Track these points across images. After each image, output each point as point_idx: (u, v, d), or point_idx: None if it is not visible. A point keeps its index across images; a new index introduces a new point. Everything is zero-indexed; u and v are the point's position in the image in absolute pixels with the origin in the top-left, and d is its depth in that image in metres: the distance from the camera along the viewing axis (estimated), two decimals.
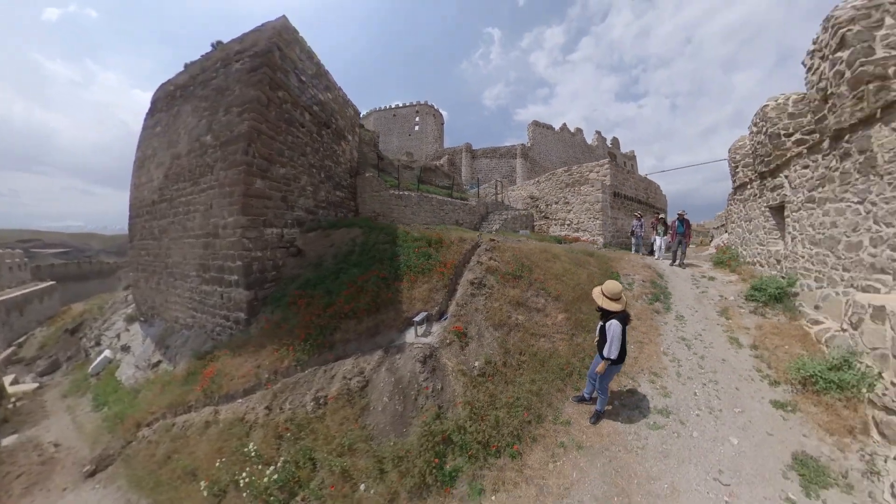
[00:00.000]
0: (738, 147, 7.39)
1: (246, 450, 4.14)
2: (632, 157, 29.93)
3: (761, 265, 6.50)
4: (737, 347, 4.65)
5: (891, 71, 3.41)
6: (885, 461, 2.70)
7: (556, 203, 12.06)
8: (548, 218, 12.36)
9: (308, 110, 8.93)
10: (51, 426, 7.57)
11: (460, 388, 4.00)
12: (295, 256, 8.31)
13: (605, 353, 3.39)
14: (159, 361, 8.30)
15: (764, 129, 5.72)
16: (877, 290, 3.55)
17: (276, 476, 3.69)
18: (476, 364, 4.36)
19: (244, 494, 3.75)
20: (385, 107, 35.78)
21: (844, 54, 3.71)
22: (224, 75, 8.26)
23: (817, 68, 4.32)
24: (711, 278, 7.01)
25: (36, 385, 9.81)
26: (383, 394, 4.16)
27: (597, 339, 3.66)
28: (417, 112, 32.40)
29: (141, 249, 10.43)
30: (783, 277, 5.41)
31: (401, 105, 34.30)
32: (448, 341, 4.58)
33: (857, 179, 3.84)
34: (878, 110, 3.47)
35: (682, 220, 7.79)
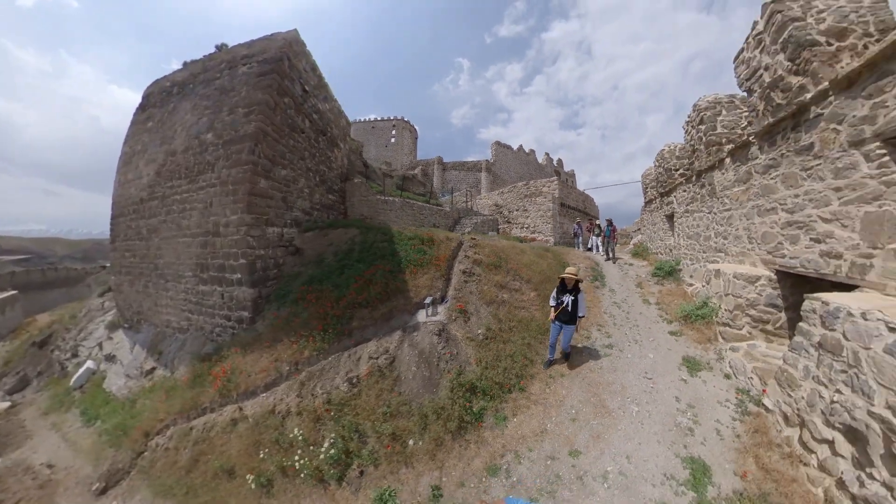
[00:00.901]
0: (647, 174, 10.33)
1: (292, 435, 4.34)
2: (572, 175, 35.55)
3: (661, 254, 9.26)
4: (647, 304, 6.77)
5: (723, 140, 5.86)
6: (725, 352, 4.78)
7: (517, 210, 14.37)
8: (510, 222, 14.57)
9: (308, 118, 9.53)
10: (37, 447, 7.10)
11: (471, 350, 5.06)
12: (293, 255, 8.62)
13: (581, 313, 4.67)
14: (153, 368, 8.06)
15: (662, 165, 8.45)
16: (717, 261, 5.91)
17: (331, 451, 3.96)
18: (479, 332, 5.44)
19: (298, 477, 3.99)
20: (365, 119, 37.44)
21: (702, 128, 6.15)
22: (230, 77, 8.51)
23: (689, 132, 6.87)
24: (631, 264, 9.37)
25: (8, 404, 9.04)
26: (410, 365, 4.87)
27: (565, 309, 4.66)
28: (394, 126, 34.13)
29: (125, 251, 10.00)
30: (673, 261, 7.99)
31: (379, 119, 36.82)
32: (454, 317, 5.61)
33: (707, 199, 6.32)
34: (716, 162, 5.91)
35: (610, 226, 10.26)
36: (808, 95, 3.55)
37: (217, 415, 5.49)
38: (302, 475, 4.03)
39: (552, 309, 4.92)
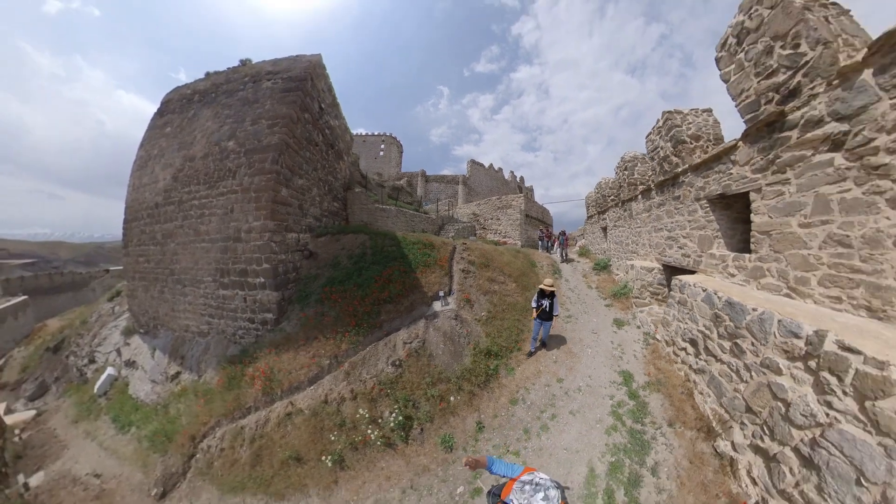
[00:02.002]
0: (589, 196, 13.99)
1: (358, 415, 5.06)
2: (531, 190, 41.45)
3: (598, 254, 12.74)
4: (590, 289, 9.66)
5: (638, 183, 8.89)
6: (636, 313, 7.51)
7: (491, 219, 17.08)
8: (485, 228, 17.16)
9: (322, 132, 10.24)
10: (77, 456, 7.06)
11: (480, 327, 6.89)
12: (307, 259, 9.05)
13: (556, 312, 6.08)
14: (178, 372, 8.11)
15: (600, 192, 11.72)
16: (632, 259, 8.91)
17: (398, 419, 4.88)
18: (482, 314, 7.30)
19: (369, 448, 4.72)
20: (357, 133, 37.44)
21: (626, 173, 9.25)
22: (253, 90, 8.93)
23: (618, 174, 9.94)
24: (578, 262, 12.61)
25: (33, 412, 8.88)
26: (438, 344, 6.15)
27: (544, 310, 5.97)
28: (383, 141, 35.61)
29: (139, 256, 9.81)
30: (606, 258, 11.28)
31: (369, 133, 40.21)
32: (462, 305, 7.33)
33: (627, 219, 9.38)
34: (634, 196, 8.94)
35: (563, 234, 13.38)
36: (679, 170, 6.39)
37: (266, 412, 5.72)
38: (374, 445, 4.77)
39: (534, 310, 6.20)
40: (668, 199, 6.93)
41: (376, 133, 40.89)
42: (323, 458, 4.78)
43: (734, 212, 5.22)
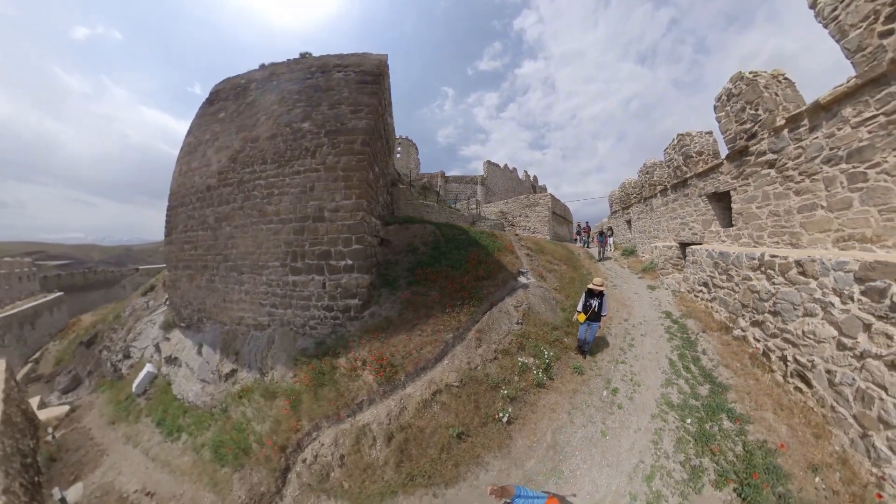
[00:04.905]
0: (613, 194, 18.30)
1: (521, 363, 6.57)
2: (544, 188, 45.95)
3: (625, 243, 16.84)
4: (622, 268, 14.39)
5: (657, 184, 13.16)
6: (663, 281, 11.74)
7: (520, 216, 21.19)
8: (513, 225, 21.17)
9: (385, 127, 11.97)
10: (118, 466, 6.76)
11: (558, 294, 10.38)
12: (380, 245, 10.43)
13: (604, 312, 7.20)
14: (234, 370, 8.14)
15: (624, 191, 16.00)
16: (655, 242, 13.24)
17: (547, 361, 6.90)
18: (555, 286, 10.89)
19: (528, 394, 5.99)
20: None
21: (647, 176, 13.57)
22: (325, 79, 10.08)
23: (641, 175, 14.24)
24: (608, 248, 17.02)
25: (67, 407, 9.37)
26: (540, 305, 9.19)
27: (593, 311, 6.96)
28: (399, 143, 38.46)
29: (184, 243, 10.21)
30: (632, 246, 15.49)
31: None
32: (539, 280, 10.74)
33: (649, 212, 13.66)
34: (654, 193, 13.22)
35: (602, 234, 17.61)
36: (687, 175, 10.65)
37: (391, 400, 5.93)
38: (531, 389, 6.17)
39: (579, 313, 7.21)
40: (680, 196, 11.12)
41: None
42: (498, 416, 5.62)
43: (723, 203, 9.43)
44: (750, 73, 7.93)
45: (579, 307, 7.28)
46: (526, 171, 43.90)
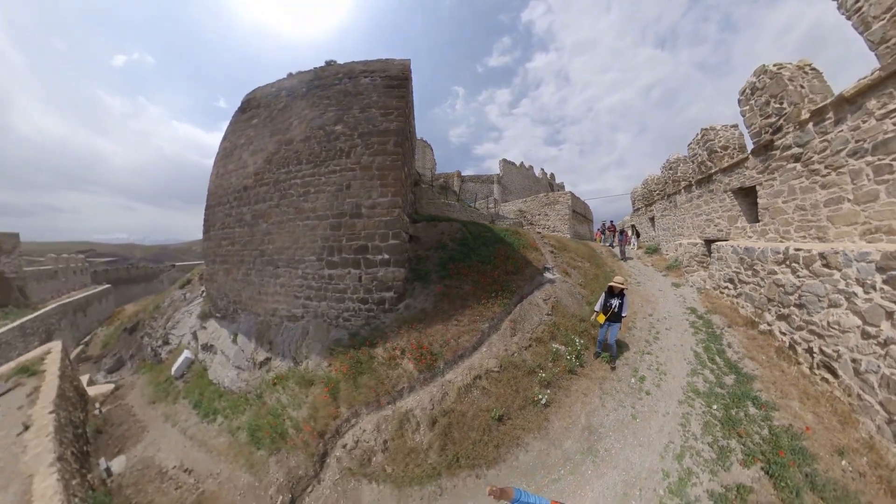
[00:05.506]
0: (636, 191, 18.44)
1: (554, 349, 7.21)
2: (561, 186, 46.16)
3: (649, 242, 17.01)
4: (646, 266, 14.52)
5: (681, 180, 13.35)
6: (688, 279, 11.96)
7: (539, 215, 21.52)
8: (533, 224, 21.53)
9: (410, 129, 12.52)
10: (158, 442, 7.30)
11: (582, 290, 10.82)
12: (410, 241, 10.79)
13: (624, 312, 7.09)
14: (268, 359, 8.68)
15: (647, 187, 16.23)
16: (679, 240, 13.42)
17: (578, 348, 7.38)
18: (579, 282, 11.33)
19: (562, 379, 6.50)
20: None
21: (670, 172, 13.77)
22: (353, 84, 10.70)
23: (664, 172, 14.42)
24: (632, 248, 17.17)
25: (112, 386, 10.36)
26: (567, 298, 9.78)
27: (613, 311, 6.89)
28: (416, 145, 39.40)
29: (222, 239, 11.10)
30: (654, 244, 15.65)
31: None
32: (564, 276, 11.21)
33: (673, 209, 13.84)
34: (678, 190, 13.43)
35: (622, 233, 17.81)
36: (712, 171, 10.85)
37: (433, 387, 6.30)
38: (564, 375, 6.64)
39: (598, 314, 7.20)
40: (704, 192, 11.35)
41: None
42: (536, 398, 6.07)
43: (749, 198, 9.62)
44: (774, 65, 8.13)
45: (598, 307, 7.25)
46: (542, 169, 44.03)
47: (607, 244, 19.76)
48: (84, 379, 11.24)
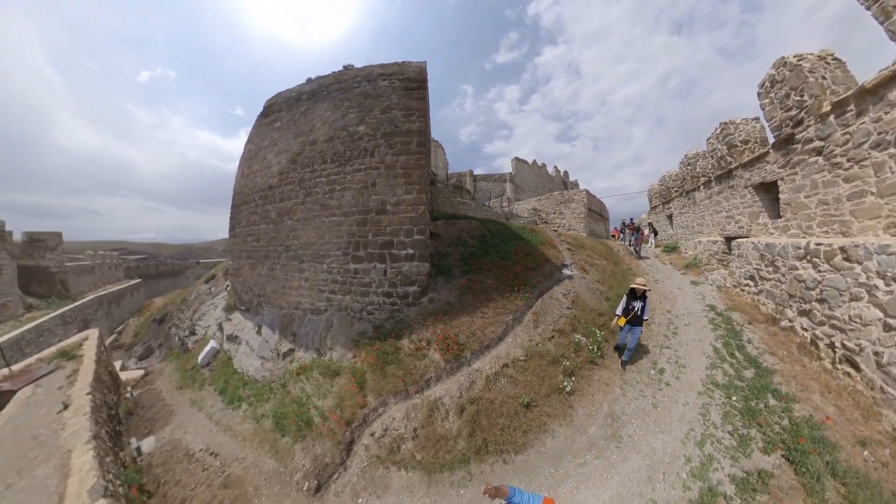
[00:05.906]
0: (653, 188, 18.44)
1: (576, 340, 7.56)
2: (575, 184, 45.62)
3: (667, 240, 17.00)
4: (664, 265, 14.48)
5: (699, 176, 13.36)
6: (707, 277, 11.95)
7: (554, 213, 21.67)
8: (547, 222, 21.69)
9: (427, 129, 12.66)
10: (185, 426, 7.62)
11: (601, 286, 10.99)
12: (431, 238, 10.93)
13: (646, 315, 6.99)
14: (291, 350, 8.96)
15: (664, 185, 16.21)
16: (698, 237, 13.42)
17: (598, 340, 7.66)
18: (597, 278, 11.50)
19: (583, 370, 6.74)
20: None
21: (689, 168, 13.84)
22: (372, 87, 11.17)
23: (682, 168, 14.46)
24: (649, 246, 17.19)
25: (142, 372, 11.08)
26: (586, 294, 10.06)
27: (633, 312, 6.82)
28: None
29: (247, 236, 11.75)
30: (673, 242, 15.65)
31: None
32: (581, 273, 11.40)
33: (691, 206, 13.85)
34: (697, 186, 13.44)
35: (639, 230, 17.75)
36: (732, 166, 10.90)
37: (461, 376, 6.56)
38: (585, 365, 6.92)
39: (618, 317, 7.18)
40: (724, 188, 11.38)
41: None
42: (561, 385, 6.37)
43: (771, 193, 9.69)
44: (794, 56, 8.13)
45: (619, 310, 7.19)
46: (556, 167, 43.94)
47: (626, 243, 19.73)
48: (117, 364, 12.08)
